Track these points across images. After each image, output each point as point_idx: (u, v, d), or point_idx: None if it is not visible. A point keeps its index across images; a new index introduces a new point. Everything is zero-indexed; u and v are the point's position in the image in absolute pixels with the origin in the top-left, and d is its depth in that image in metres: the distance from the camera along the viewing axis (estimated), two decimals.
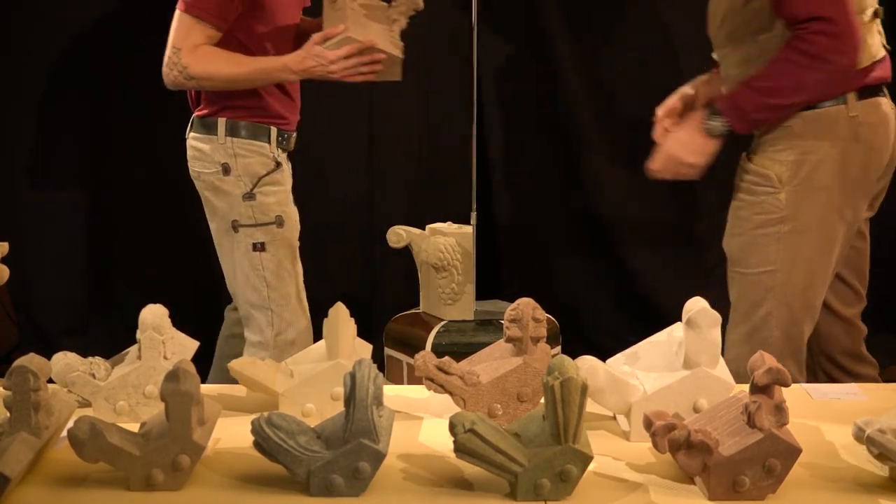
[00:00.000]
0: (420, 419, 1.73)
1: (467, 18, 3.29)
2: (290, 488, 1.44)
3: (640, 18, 3.51)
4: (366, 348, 1.80)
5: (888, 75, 2.22)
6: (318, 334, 1.78)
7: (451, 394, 1.65)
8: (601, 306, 3.73)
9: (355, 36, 2.44)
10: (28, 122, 3.51)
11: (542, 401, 1.44)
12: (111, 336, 3.55)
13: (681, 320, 1.67)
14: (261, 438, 1.41)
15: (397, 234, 3.17)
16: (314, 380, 1.69)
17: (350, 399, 1.41)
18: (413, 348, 3.06)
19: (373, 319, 3.51)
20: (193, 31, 2.40)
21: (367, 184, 3.67)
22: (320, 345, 1.77)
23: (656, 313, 3.42)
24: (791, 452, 1.41)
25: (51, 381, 1.58)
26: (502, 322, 1.70)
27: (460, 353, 1.81)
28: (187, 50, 2.40)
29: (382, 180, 3.67)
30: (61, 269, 3.60)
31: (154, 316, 1.70)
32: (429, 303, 3.22)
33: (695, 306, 1.64)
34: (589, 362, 1.62)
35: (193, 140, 2.59)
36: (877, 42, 2.20)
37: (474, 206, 3.28)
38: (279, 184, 2.59)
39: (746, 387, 1.48)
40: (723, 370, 1.66)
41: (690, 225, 3.64)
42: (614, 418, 1.73)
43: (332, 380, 1.69)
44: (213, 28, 2.42)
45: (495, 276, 3.69)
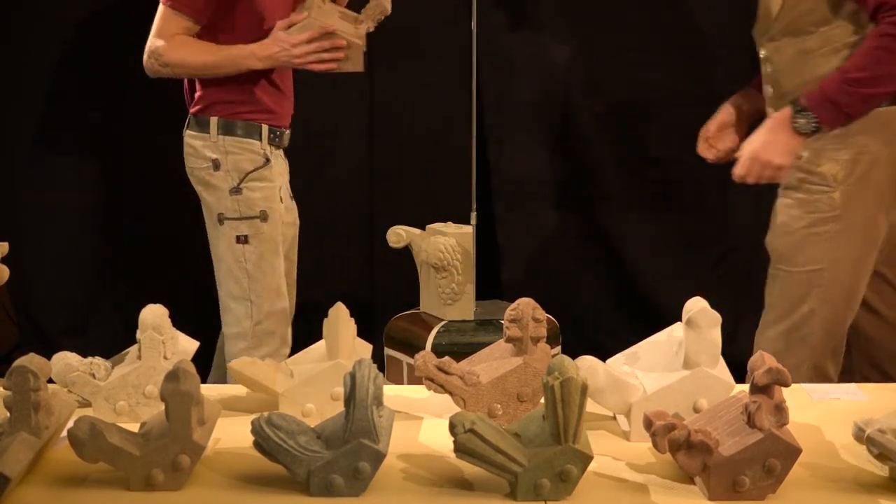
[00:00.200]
0: (420, 419, 1.73)
1: (467, 18, 3.30)
2: (290, 488, 1.44)
3: (641, 17, 3.51)
4: (366, 348, 1.80)
5: None
6: (318, 334, 1.78)
7: (451, 394, 1.65)
8: (601, 306, 3.73)
9: (316, 21, 2.53)
10: (28, 122, 3.51)
11: (542, 401, 1.44)
12: (111, 336, 3.54)
13: (681, 320, 1.67)
14: (261, 438, 1.41)
15: (397, 234, 3.17)
16: (314, 380, 1.69)
17: (350, 399, 1.41)
18: (413, 348, 3.06)
19: (373, 319, 3.51)
20: (172, 22, 2.51)
21: (367, 184, 3.67)
22: (320, 345, 1.77)
23: (656, 313, 3.42)
24: (791, 452, 1.41)
25: (51, 381, 1.58)
26: (502, 322, 1.70)
27: (460, 353, 1.80)
28: (164, 39, 2.51)
29: (382, 180, 3.67)
30: (61, 269, 3.60)
31: (154, 316, 1.70)
32: (429, 303, 3.22)
33: (695, 306, 1.64)
34: (589, 362, 1.62)
35: (188, 137, 2.67)
36: None
37: (474, 206, 3.28)
38: (266, 180, 2.66)
39: (747, 387, 1.48)
40: (723, 370, 1.66)
41: (690, 225, 3.64)
42: (614, 418, 1.73)
43: (332, 380, 1.69)
44: (191, 20, 2.52)
45: (495, 276, 3.69)
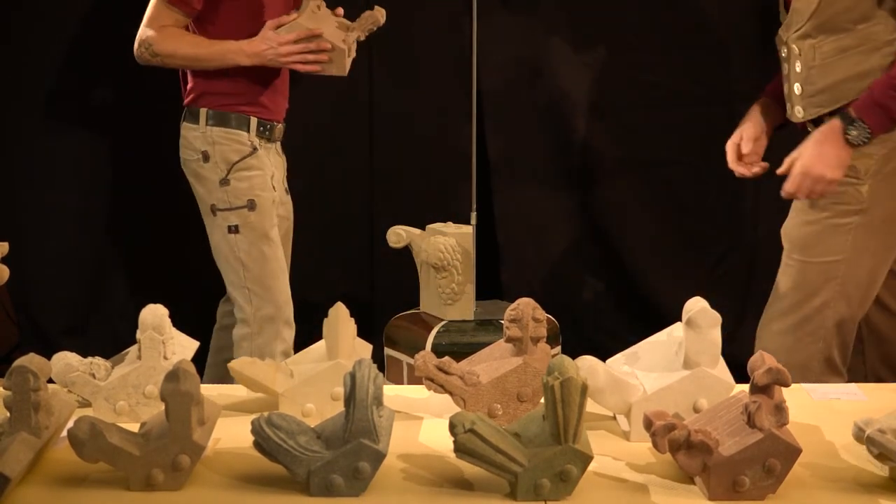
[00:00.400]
0: (420, 419, 1.73)
1: (468, 18, 3.30)
2: (290, 488, 1.44)
3: (641, 17, 3.51)
4: (366, 348, 1.80)
5: None
6: (318, 334, 1.78)
7: (451, 394, 1.65)
8: (601, 306, 3.73)
9: (304, 23, 2.62)
10: (28, 122, 3.51)
11: (542, 401, 1.44)
12: (111, 336, 3.55)
13: (681, 320, 1.67)
14: (261, 438, 1.41)
15: (397, 234, 3.17)
16: (314, 380, 1.69)
17: (350, 399, 1.41)
18: (413, 348, 3.05)
19: (373, 319, 3.51)
20: (162, 13, 2.61)
21: (367, 184, 3.67)
22: (320, 345, 1.77)
23: (656, 313, 3.42)
24: (791, 452, 1.41)
25: (51, 381, 1.58)
26: (502, 322, 1.70)
27: (460, 353, 1.81)
28: (155, 29, 2.61)
29: (382, 180, 3.67)
30: (61, 269, 3.60)
31: (154, 316, 1.70)
32: (429, 303, 3.22)
33: (695, 306, 1.64)
34: (589, 362, 1.62)
35: (182, 128, 2.76)
36: None
37: (474, 206, 3.28)
38: (254, 168, 2.72)
39: (747, 387, 1.48)
40: (723, 370, 1.66)
41: (690, 225, 3.64)
42: (614, 418, 1.73)
43: (332, 380, 1.69)
44: (181, 13, 2.61)
45: (495, 276, 3.69)
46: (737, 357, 1.90)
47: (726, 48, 3.51)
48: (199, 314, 3.01)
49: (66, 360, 1.72)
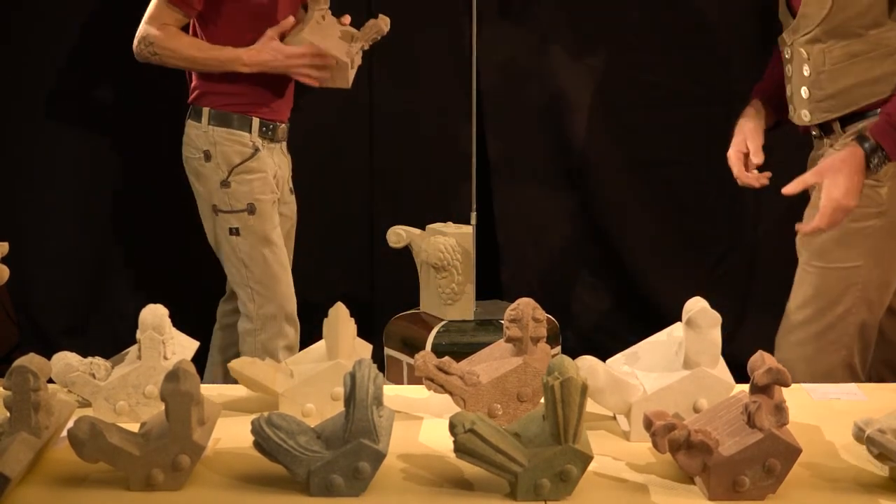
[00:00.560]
0: (420, 419, 1.73)
1: (467, 19, 3.30)
2: (290, 488, 1.44)
3: (641, 18, 3.51)
4: (366, 348, 1.80)
5: None
6: (318, 334, 1.78)
7: (451, 394, 1.65)
8: (601, 306, 3.73)
9: (309, 38, 2.65)
10: (28, 122, 3.51)
11: (542, 401, 1.44)
12: (111, 336, 3.55)
13: (681, 320, 1.67)
14: (261, 438, 1.41)
15: (397, 234, 3.17)
16: (314, 380, 1.69)
17: (350, 399, 1.41)
18: (413, 348, 3.06)
19: (373, 319, 3.51)
20: (163, 12, 2.62)
21: (367, 184, 3.67)
22: (320, 345, 1.77)
23: (656, 313, 3.42)
24: (791, 452, 1.41)
25: (51, 381, 1.58)
26: (502, 322, 1.70)
27: (460, 353, 1.80)
28: (156, 27, 2.62)
29: (382, 180, 3.67)
30: (61, 269, 3.60)
31: (154, 316, 1.70)
32: (429, 303, 3.22)
33: (695, 306, 1.64)
34: (589, 362, 1.62)
35: (187, 126, 2.78)
36: None
37: (474, 206, 3.28)
38: (255, 171, 2.74)
39: (747, 387, 1.48)
40: (723, 370, 1.66)
41: (690, 225, 3.64)
42: (614, 418, 1.73)
43: (332, 380, 1.69)
44: (181, 13, 2.63)
45: (495, 276, 3.69)
46: (737, 357, 1.89)
47: (726, 48, 3.51)
48: (199, 314, 3.01)
49: (66, 360, 1.72)
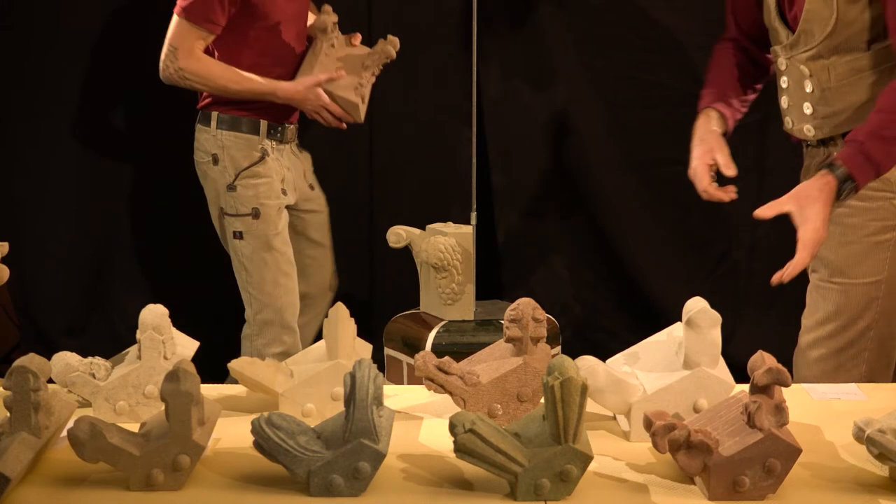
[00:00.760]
0: (420, 419, 1.73)
1: (468, 18, 3.29)
2: (290, 488, 1.44)
3: (641, 20, 3.51)
4: (366, 348, 1.80)
5: None
6: (318, 334, 1.77)
7: (451, 394, 1.65)
8: (601, 306, 3.73)
9: (321, 72, 2.75)
10: (28, 122, 3.51)
11: (542, 401, 1.44)
12: (111, 336, 3.55)
13: (681, 320, 1.67)
14: (261, 438, 1.41)
15: (397, 234, 3.17)
16: (314, 380, 1.69)
17: (350, 399, 1.41)
18: (413, 348, 3.06)
19: (373, 319, 3.51)
20: (189, 34, 2.62)
21: (367, 184, 3.67)
22: (320, 345, 1.77)
23: (656, 313, 3.42)
24: (791, 452, 1.41)
25: (51, 381, 1.58)
26: (502, 322, 1.70)
27: (460, 353, 1.80)
28: (184, 52, 2.62)
29: (382, 180, 3.67)
30: (61, 269, 3.60)
31: (154, 316, 1.70)
32: (429, 303, 3.22)
33: (695, 306, 1.64)
34: (589, 362, 1.62)
35: (196, 130, 2.83)
36: None
37: (474, 206, 3.28)
38: (261, 176, 2.78)
39: (747, 387, 1.48)
40: (723, 370, 1.66)
41: (690, 225, 3.64)
42: (614, 418, 1.73)
43: (332, 380, 1.69)
44: (206, 31, 2.63)
45: (495, 276, 3.69)
46: (737, 357, 1.90)
47: None
48: (199, 314, 3.01)
49: (66, 360, 1.72)
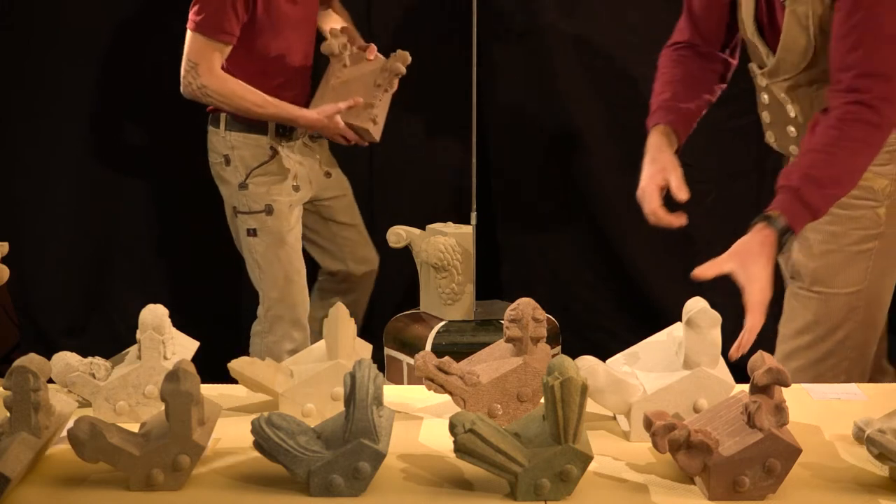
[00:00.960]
0: (420, 419, 1.73)
1: (468, 19, 3.29)
2: (290, 488, 1.44)
3: (641, 17, 3.51)
4: (366, 348, 1.80)
5: None
6: (318, 334, 1.78)
7: (451, 394, 1.65)
8: (601, 306, 3.72)
9: (334, 97, 2.83)
10: (28, 122, 3.51)
11: (542, 401, 1.44)
12: (111, 336, 3.55)
13: (681, 320, 1.67)
14: (261, 438, 1.41)
15: (397, 234, 3.17)
16: (314, 380, 1.69)
17: (350, 399, 1.41)
18: (413, 348, 3.05)
19: (373, 319, 3.51)
20: (206, 48, 2.64)
21: (367, 184, 3.67)
22: (320, 345, 1.77)
23: (656, 313, 3.42)
24: (791, 452, 1.41)
25: (51, 381, 1.58)
26: (502, 322, 1.70)
27: (460, 353, 1.80)
28: (205, 68, 2.65)
29: (382, 180, 3.67)
30: (61, 269, 3.60)
31: (154, 316, 1.70)
32: (429, 303, 3.22)
33: (695, 306, 1.64)
34: (589, 362, 1.62)
35: (208, 133, 2.88)
36: None
37: (474, 206, 3.27)
38: (272, 174, 2.83)
39: (747, 387, 1.48)
40: (723, 370, 1.66)
41: (691, 225, 3.63)
42: (614, 418, 1.73)
43: (332, 380, 1.69)
44: (222, 43, 2.66)
45: (495, 276, 3.69)
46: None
47: None
48: (199, 314, 3.01)
49: (66, 360, 1.72)
